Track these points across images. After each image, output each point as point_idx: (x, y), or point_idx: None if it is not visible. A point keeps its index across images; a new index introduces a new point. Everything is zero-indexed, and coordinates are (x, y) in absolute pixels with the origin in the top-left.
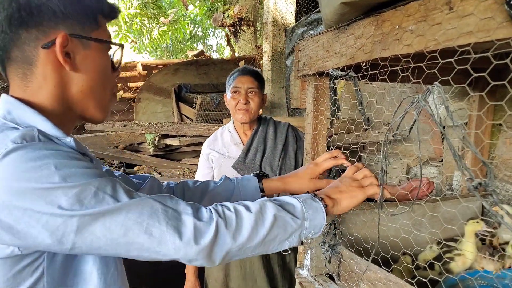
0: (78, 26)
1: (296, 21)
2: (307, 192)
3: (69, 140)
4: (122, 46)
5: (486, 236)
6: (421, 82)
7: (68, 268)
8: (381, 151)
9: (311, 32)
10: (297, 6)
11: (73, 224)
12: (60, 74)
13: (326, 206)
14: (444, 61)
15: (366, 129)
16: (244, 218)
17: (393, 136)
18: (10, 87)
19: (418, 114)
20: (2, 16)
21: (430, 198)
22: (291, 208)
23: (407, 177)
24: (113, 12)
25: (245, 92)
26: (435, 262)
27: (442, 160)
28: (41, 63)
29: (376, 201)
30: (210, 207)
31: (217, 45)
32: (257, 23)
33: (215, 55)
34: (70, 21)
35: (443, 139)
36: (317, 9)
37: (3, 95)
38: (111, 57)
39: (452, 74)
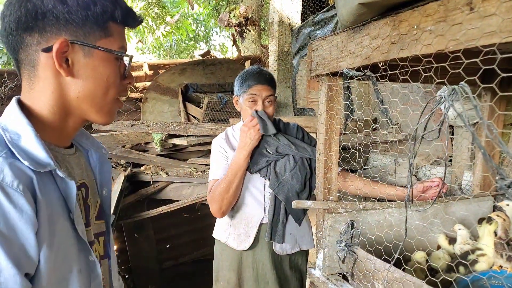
0: (81, 33)
1: (302, 20)
2: None
3: (47, 161)
4: (130, 57)
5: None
6: (446, 82)
7: None
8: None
9: (318, 32)
10: (303, 6)
11: None
12: (58, 78)
13: None
14: (469, 61)
15: (374, 129)
16: None
17: (423, 137)
18: (22, 88)
19: (446, 114)
20: (12, 19)
21: (443, 198)
22: None
23: (416, 177)
24: (129, 19)
25: (262, 101)
26: (449, 267)
27: (451, 160)
28: (42, 67)
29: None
30: None
31: (220, 44)
32: (261, 23)
33: (217, 54)
34: (73, 28)
35: (451, 138)
36: (325, 9)
37: (15, 97)
38: (127, 65)
39: (478, 74)
